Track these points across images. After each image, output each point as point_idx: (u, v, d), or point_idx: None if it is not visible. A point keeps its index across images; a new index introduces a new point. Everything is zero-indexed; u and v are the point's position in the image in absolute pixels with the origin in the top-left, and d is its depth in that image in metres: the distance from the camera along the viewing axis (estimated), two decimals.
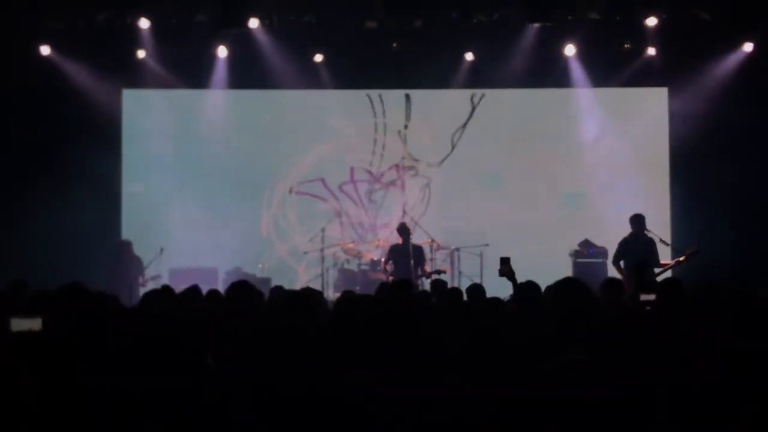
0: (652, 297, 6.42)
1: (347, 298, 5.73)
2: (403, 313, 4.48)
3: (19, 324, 4.74)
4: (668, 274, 11.54)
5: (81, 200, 13.35)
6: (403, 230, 12.71)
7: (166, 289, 6.78)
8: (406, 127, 14.32)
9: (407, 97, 14.24)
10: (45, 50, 13.62)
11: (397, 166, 14.40)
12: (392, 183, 14.41)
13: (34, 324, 4.69)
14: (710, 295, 6.05)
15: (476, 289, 7.97)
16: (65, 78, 13.69)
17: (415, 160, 14.37)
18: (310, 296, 5.32)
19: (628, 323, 5.44)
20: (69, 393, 3.87)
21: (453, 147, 14.33)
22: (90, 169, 13.50)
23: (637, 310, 6.41)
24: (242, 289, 5.29)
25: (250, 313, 5.11)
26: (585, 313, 5.17)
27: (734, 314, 5.44)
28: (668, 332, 5.29)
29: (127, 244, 13.03)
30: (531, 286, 6.07)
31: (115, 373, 4.07)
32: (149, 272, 12.74)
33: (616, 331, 5.20)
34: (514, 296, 6.47)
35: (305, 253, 13.26)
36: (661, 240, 11.89)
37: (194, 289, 6.65)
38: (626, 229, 11.82)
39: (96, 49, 13.53)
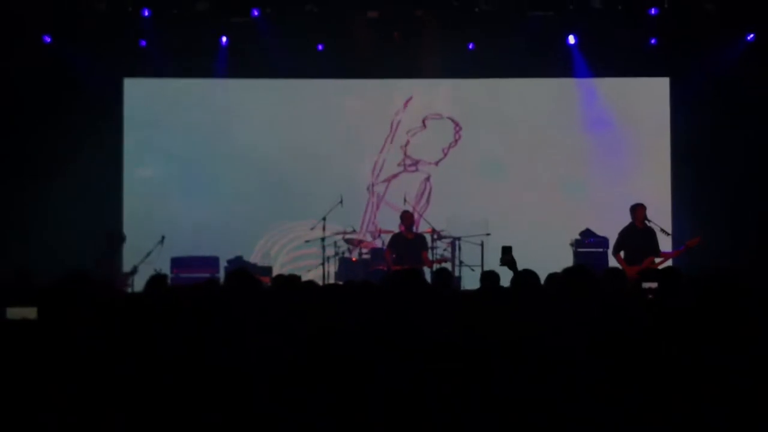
0: (653, 285, 6.44)
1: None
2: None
3: (15, 313, 4.85)
4: (669, 263, 11.59)
5: (82, 189, 13.40)
6: (407, 218, 12.69)
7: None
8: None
9: None
10: (47, 39, 13.65)
11: (397, 164, 14.42)
12: (393, 176, 14.43)
13: (30, 313, 4.78)
14: (709, 284, 6.05)
15: (490, 277, 7.84)
16: (67, 66, 13.69)
17: (415, 160, 14.37)
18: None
19: (630, 311, 5.46)
20: (61, 379, 3.94)
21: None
22: (91, 158, 13.55)
23: (639, 298, 6.44)
24: (241, 277, 5.31)
25: (249, 301, 5.14)
26: (590, 301, 5.19)
27: (729, 303, 5.45)
28: (668, 320, 5.30)
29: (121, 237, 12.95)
30: (529, 274, 6.07)
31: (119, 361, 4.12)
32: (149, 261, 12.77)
33: (619, 319, 5.22)
34: (512, 284, 6.47)
35: (306, 242, 13.24)
36: (661, 230, 11.91)
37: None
38: (627, 219, 11.84)
39: (97, 38, 13.53)
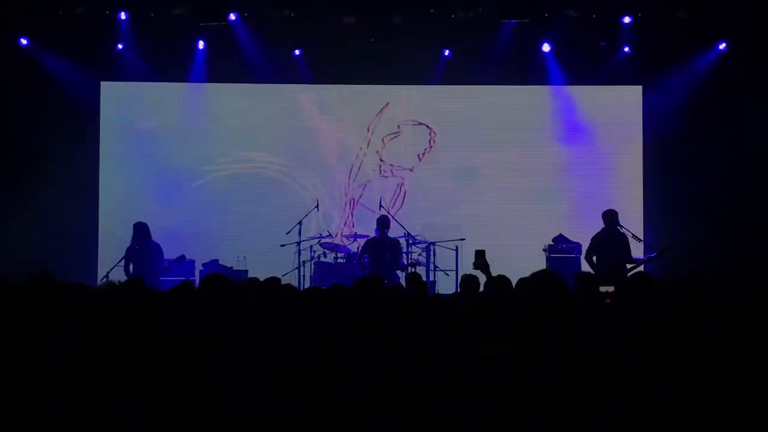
0: (610, 288, 6.52)
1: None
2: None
3: None
4: (641, 269, 11.71)
5: (58, 191, 13.40)
6: (383, 223, 12.73)
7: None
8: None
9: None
10: (23, 41, 13.65)
11: (373, 170, 14.48)
12: (369, 181, 14.47)
13: None
14: (684, 290, 6.14)
15: (471, 281, 7.86)
16: (43, 70, 13.69)
17: (391, 166, 14.43)
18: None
19: (600, 315, 5.55)
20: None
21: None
22: (67, 161, 13.57)
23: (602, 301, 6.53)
24: (215, 281, 5.37)
25: (223, 303, 5.19)
26: (560, 305, 5.26)
27: (701, 309, 5.54)
28: (636, 325, 5.39)
29: (145, 228, 12.24)
30: (501, 280, 6.17)
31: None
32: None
33: (589, 322, 5.30)
34: (485, 289, 6.57)
35: (282, 246, 13.27)
36: (633, 236, 12.03)
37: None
38: (600, 224, 11.96)
39: (74, 41, 13.55)
